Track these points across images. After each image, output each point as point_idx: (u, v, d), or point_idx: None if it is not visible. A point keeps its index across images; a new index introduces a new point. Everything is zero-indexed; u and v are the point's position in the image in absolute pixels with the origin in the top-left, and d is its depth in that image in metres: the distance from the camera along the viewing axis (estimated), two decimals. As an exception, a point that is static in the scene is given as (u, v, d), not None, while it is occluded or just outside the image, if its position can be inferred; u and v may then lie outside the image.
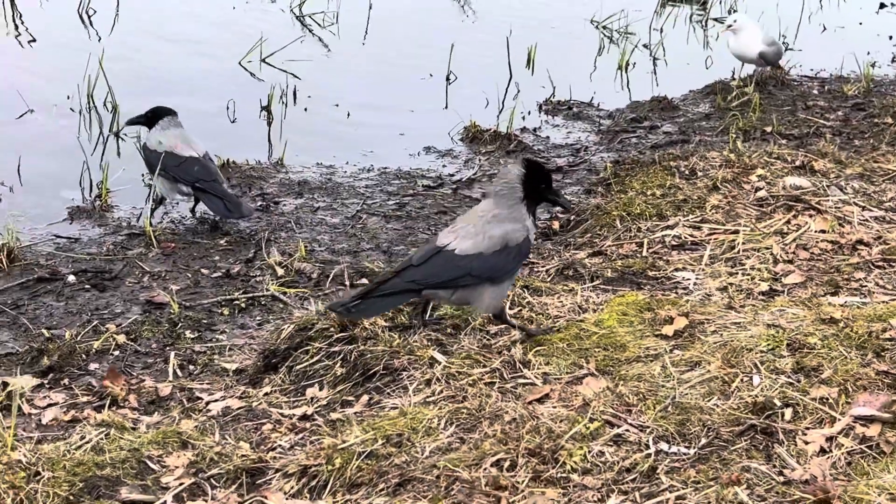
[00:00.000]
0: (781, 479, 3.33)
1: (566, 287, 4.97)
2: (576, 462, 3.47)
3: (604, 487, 3.38)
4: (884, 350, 3.90)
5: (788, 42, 10.23)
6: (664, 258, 5.33)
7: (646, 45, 10.02)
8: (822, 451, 3.42)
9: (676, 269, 5.18)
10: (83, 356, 4.79)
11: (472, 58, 9.28)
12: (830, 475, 3.31)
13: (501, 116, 8.08)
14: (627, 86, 9.19)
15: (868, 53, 9.61)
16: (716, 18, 11.08)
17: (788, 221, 5.55)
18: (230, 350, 4.89)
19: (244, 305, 5.34)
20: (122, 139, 7.48)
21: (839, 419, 3.53)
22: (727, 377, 3.84)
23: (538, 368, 4.10)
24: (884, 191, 6.08)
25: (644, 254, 5.39)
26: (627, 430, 3.62)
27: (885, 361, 3.83)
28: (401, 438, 3.69)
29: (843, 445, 3.43)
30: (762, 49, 8.51)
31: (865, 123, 7.82)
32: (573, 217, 6.10)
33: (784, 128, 7.76)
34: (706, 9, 11.27)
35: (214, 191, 6.12)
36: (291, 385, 4.38)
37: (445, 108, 8.53)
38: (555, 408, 3.79)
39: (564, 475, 3.44)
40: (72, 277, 5.57)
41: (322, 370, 4.37)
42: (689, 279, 5.06)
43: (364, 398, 4.12)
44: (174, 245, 5.99)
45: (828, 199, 5.80)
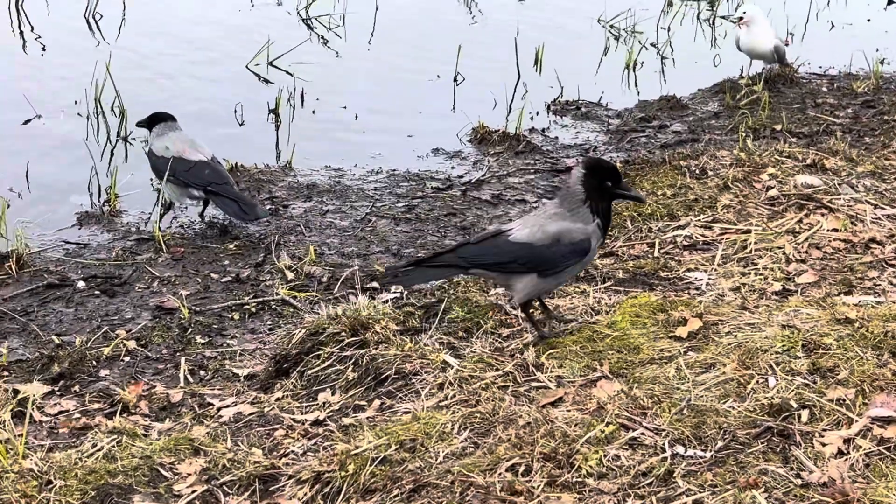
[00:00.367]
0: (799, 482, 3.30)
1: (578, 289, 4.94)
2: (591, 466, 3.44)
3: (620, 492, 3.35)
4: (900, 350, 3.86)
5: (789, 40, 10.19)
6: (676, 258, 5.30)
7: (653, 44, 9.98)
8: (840, 453, 3.39)
9: (689, 270, 5.15)
10: (94, 363, 4.78)
11: (480, 59, 9.25)
12: (849, 477, 3.28)
13: (510, 117, 8.06)
14: (636, 85, 9.16)
15: (877, 50, 9.55)
16: (723, 16, 11.04)
17: (800, 220, 5.52)
18: (241, 355, 4.87)
19: (254, 310, 5.32)
20: (131, 144, 7.47)
21: (856, 420, 3.50)
22: (742, 379, 3.81)
23: (551, 371, 4.07)
24: (895, 188, 6.04)
25: (656, 254, 5.36)
26: (643, 434, 3.59)
27: (902, 362, 3.79)
28: (414, 444, 3.67)
29: (861, 447, 3.39)
30: (777, 43, 8.45)
31: (876, 120, 7.78)
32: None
33: (794, 126, 7.72)
34: (714, 6, 11.23)
35: (228, 193, 6.10)
36: (303, 390, 4.36)
37: (453, 110, 8.50)
38: (569, 411, 3.76)
39: (580, 480, 3.41)
40: (81, 283, 5.55)
41: (334, 375, 4.35)
42: (702, 280, 5.02)
43: (376, 403, 4.10)
44: (183, 250, 5.97)
45: (839, 198, 5.76)
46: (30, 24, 9.79)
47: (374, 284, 5.49)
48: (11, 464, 3.67)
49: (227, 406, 4.34)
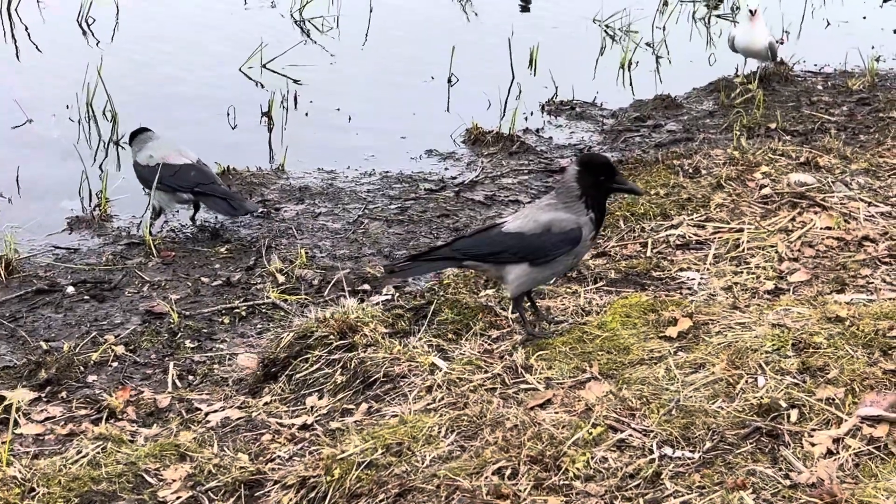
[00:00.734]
0: (788, 483, 3.26)
1: (569, 289, 4.91)
2: (578, 469, 3.41)
3: (607, 494, 3.32)
4: (891, 349, 3.82)
5: (784, 38, 10.17)
6: (668, 258, 5.27)
7: (648, 44, 9.95)
8: (829, 453, 3.35)
9: (681, 269, 5.11)
10: (81, 368, 4.75)
11: (474, 59, 9.23)
12: (837, 478, 3.24)
13: (504, 118, 8.03)
14: (630, 84, 9.13)
15: (872, 48, 9.51)
16: (719, 15, 11.00)
17: (793, 219, 5.49)
18: (230, 359, 4.84)
19: (245, 314, 5.29)
20: (122, 148, 7.43)
21: (846, 420, 3.46)
22: (732, 379, 3.77)
23: (540, 373, 4.04)
24: (890, 186, 6.01)
25: (648, 254, 5.33)
26: (631, 435, 3.55)
27: (893, 360, 3.75)
28: (401, 447, 3.63)
29: (851, 447, 3.36)
30: (771, 40, 8.42)
31: (871, 118, 7.74)
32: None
33: (788, 124, 7.69)
34: (711, 6, 11.19)
35: (215, 192, 6.09)
36: (291, 394, 4.33)
37: (447, 111, 8.47)
38: (557, 413, 3.72)
39: (567, 482, 3.37)
40: (71, 288, 5.53)
41: (322, 378, 4.32)
42: (694, 279, 4.99)
43: (364, 406, 4.06)
44: (174, 254, 5.94)
45: (833, 196, 5.73)
46: (24, 28, 9.77)
47: (366, 287, 5.46)
48: (-5, 471, 3.65)
49: (215, 411, 4.31)
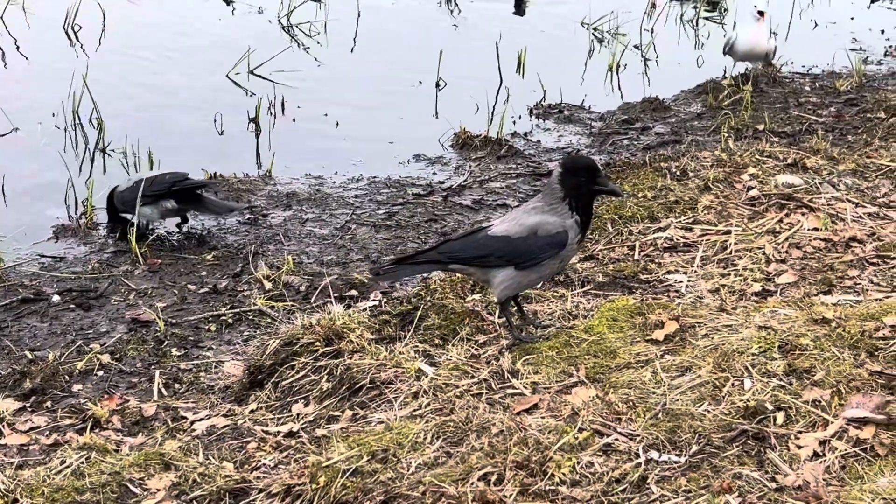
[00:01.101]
0: (774, 486, 3.24)
1: (556, 293, 4.89)
2: (564, 474, 3.39)
3: (593, 499, 3.30)
4: (877, 350, 3.81)
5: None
6: (656, 261, 5.25)
7: (637, 46, 9.94)
8: (816, 456, 3.34)
9: (668, 272, 5.10)
10: (66, 378, 4.72)
11: (462, 64, 9.21)
12: (824, 480, 3.23)
13: (492, 122, 8.01)
14: (619, 87, 9.12)
15: (861, 49, 9.53)
16: (706, 17, 11.01)
17: (781, 220, 5.48)
18: (216, 367, 4.81)
19: (231, 321, 5.27)
20: (109, 155, 7.41)
21: (832, 422, 3.45)
22: (718, 382, 3.76)
23: (527, 378, 4.02)
24: (877, 186, 6.00)
25: (636, 257, 5.31)
26: (617, 440, 3.54)
27: (879, 361, 3.74)
28: (386, 454, 3.62)
29: (837, 449, 3.34)
30: (773, 42, 8.43)
31: (858, 119, 7.74)
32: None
33: (776, 125, 7.69)
34: (717, 8, 11.19)
35: (193, 184, 6.12)
36: (277, 401, 4.31)
37: (435, 115, 8.46)
38: (543, 418, 3.71)
39: (553, 488, 3.36)
40: (56, 297, 5.50)
41: (308, 385, 4.29)
42: (682, 281, 4.98)
43: (350, 413, 4.04)
44: (160, 261, 5.92)
45: (820, 197, 5.72)
46: (10, 36, 9.73)
47: (353, 292, 5.44)
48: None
49: (201, 419, 4.28)
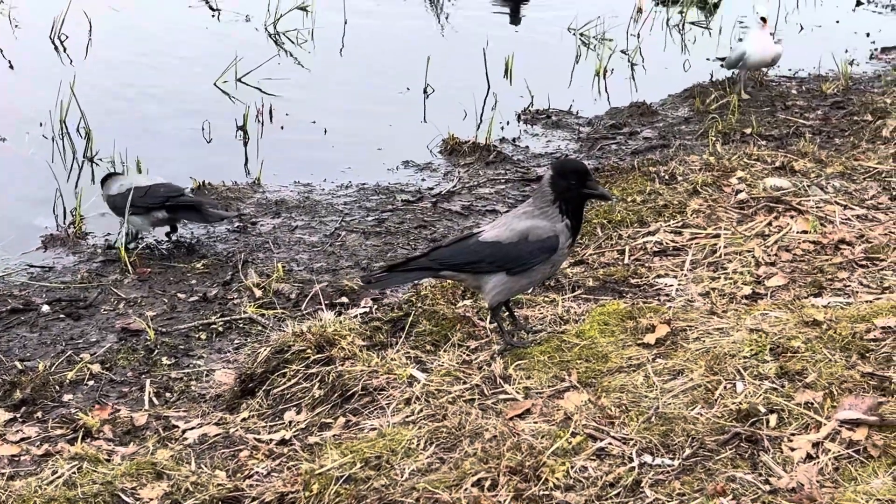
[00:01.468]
0: (768, 488, 3.25)
1: (547, 298, 4.90)
2: (558, 478, 3.39)
3: None
4: (868, 351, 3.82)
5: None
6: (646, 265, 5.26)
7: (623, 51, 9.96)
8: (809, 458, 3.34)
9: (658, 276, 5.11)
10: (57, 388, 4.70)
11: (449, 70, 9.22)
12: (817, 482, 3.23)
13: (480, 128, 8.02)
14: (606, 92, 9.14)
15: (846, 51, 9.57)
16: (693, 22, 11.04)
17: (770, 223, 5.49)
18: (207, 375, 4.80)
19: (222, 329, 5.26)
20: (97, 164, 7.39)
21: (825, 424, 3.45)
22: (710, 385, 3.77)
23: (519, 383, 4.02)
24: (865, 188, 6.02)
25: (626, 261, 5.32)
26: (610, 444, 3.54)
27: (870, 363, 3.76)
28: (379, 461, 3.61)
29: (830, 451, 3.35)
30: (780, 46, 8.43)
31: (845, 121, 7.77)
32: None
33: (764, 129, 7.71)
34: (715, 12, 11.22)
35: (187, 202, 6.08)
36: (269, 409, 4.29)
37: (423, 122, 8.46)
38: (536, 423, 3.71)
39: (547, 493, 3.35)
40: (46, 307, 5.48)
41: (300, 393, 4.29)
42: (672, 285, 4.99)
43: (342, 420, 4.03)
44: (150, 270, 5.90)
45: (809, 200, 5.74)
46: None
47: (344, 299, 5.44)
48: (-31, 494, 3.60)
49: (192, 428, 4.27)
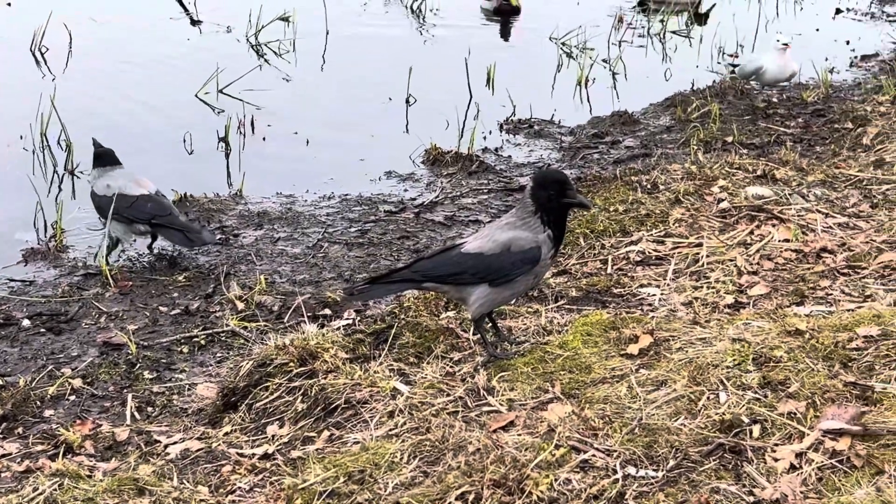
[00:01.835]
0: (751, 499, 3.24)
1: (530, 308, 4.89)
2: (542, 491, 3.38)
3: (571, 516, 3.29)
4: (850, 360, 3.83)
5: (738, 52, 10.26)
6: (629, 275, 5.26)
7: (605, 61, 9.99)
8: (792, 468, 3.34)
9: (641, 286, 5.11)
10: (38, 403, 4.67)
11: (432, 80, 9.23)
12: (801, 493, 3.23)
13: (462, 137, 8.03)
14: (588, 101, 9.16)
15: (826, 59, 9.62)
16: (673, 31, 11.08)
17: (752, 232, 5.50)
18: (189, 389, 4.77)
19: (204, 342, 5.23)
20: (77, 177, 7.36)
21: (808, 434, 3.45)
22: (693, 395, 3.76)
23: (503, 395, 4.01)
24: (846, 196, 6.04)
25: (609, 271, 5.32)
26: (594, 456, 3.53)
27: (853, 372, 3.76)
28: (363, 475, 3.59)
29: (813, 461, 3.35)
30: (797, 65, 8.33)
31: (826, 129, 7.81)
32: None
33: (745, 137, 7.74)
34: (705, 22, 11.26)
35: (172, 224, 6.03)
36: (252, 423, 4.27)
37: (406, 132, 8.46)
38: (520, 435, 3.70)
39: (531, 505, 3.34)
40: (26, 322, 5.44)
41: (283, 407, 4.26)
42: (654, 295, 4.99)
43: (326, 434, 4.01)
44: (131, 283, 5.87)
45: (790, 208, 5.76)
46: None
47: (327, 311, 5.42)
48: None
49: (174, 443, 4.24)
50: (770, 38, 10.75)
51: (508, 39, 11.07)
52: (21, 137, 7.73)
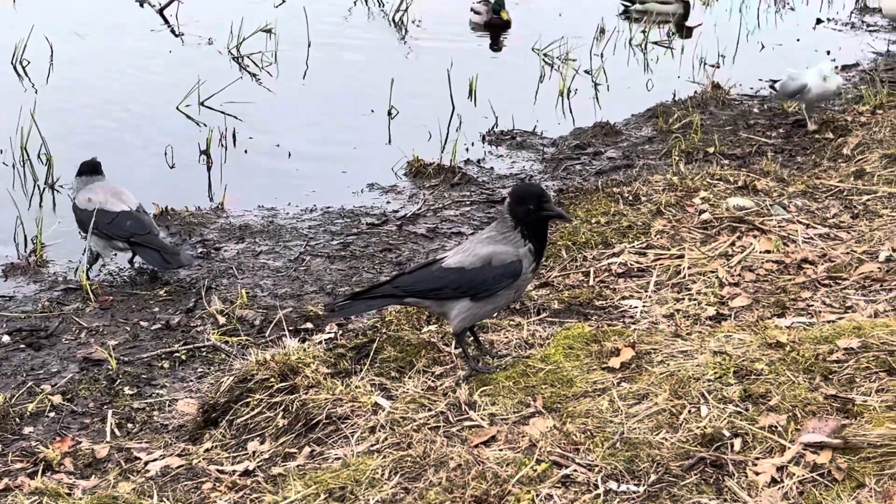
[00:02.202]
0: (733, 514, 3.25)
1: (512, 322, 4.88)
2: (523, 507, 3.37)
3: (553, 532, 3.28)
4: (831, 373, 3.83)
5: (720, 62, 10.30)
6: (611, 287, 5.26)
7: (587, 71, 10.01)
8: (773, 482, 3.34)
9: (623, 298, 5.11)
10: (17, 420, 4.63)
11: (414, 91, 9.22)
12: (782, 506, 3.23)
13: (445, 149, 8.02)
14: (570, 112, 9.17)
15: (807, 69, 9.64)
16: (655, 42, 11.10)
17: (733, 243, 5.51)
18: (170, 405, 4.75)
19: (185, 357, 5.21)
20: (58, 191, 7.33)
21: (789, 447, 3.45)
22: (675, 409, 3.76)
23: (484, 409, 4.00)
24: (827, 207, 6.06)
25: (591, 283, 5.32)
26: (576, 471, 3.52)
27: (833, 385, 3.77)
28: (344, 491, 3.58)
29: (795, 475, 3.35)
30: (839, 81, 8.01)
31: (807, 140, 7.83)
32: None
33: (726, 148, 7.76)
34: (690, 34, 11.29)
35: (150, 243, 5.99)
36: (233, 440, 4.24)
37: (388, 144, 8.45)
38: (501, 450, 3.69)
39: (512, 521, 3.33)
40: (6, 338, 5.41)
41: (263, 422, 4.24)
42: (636, 307, 4.99)
43: (307, 450, 3.99)
44: (112, 298, 5.84)
45: (771, 219, 5.77)
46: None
47: (309, 325, 5.40)
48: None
49: (155, 460, 4.21)
50: (751, 48, 10.81)
51: (500, 50, 11.07)
52: (1, 151, 7.69)
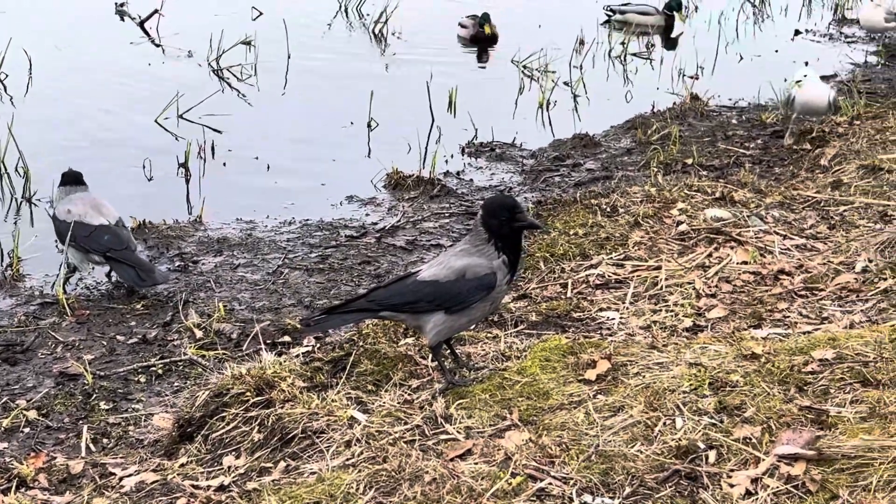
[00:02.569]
0: (707, 526, 3.24)
1: (490, 334, 4.87)
2: (498, 520, 3.36)
3: (528, 545, 3.27)
4: (806, 384, 3.84)
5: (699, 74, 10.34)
6: (588, 298, 5.27)
7: (566, 83, 10.03)
8: (748, 494, 3.34)
9: (601, 310, 5.11)
10: (-9, 436, 4.60)
11: (393, 104, 9.24)
12: (757, 518, 3.23)
13: (424, 161, 8.02)
14: (549, 124, 9.19)
15: (785, 80, 9.69)
16: (634, 54, 11.15)
17: (710, 254, 5.53)
18: (146, 420, 4.72)
19: (161, 372, 5.18)
20: (35, 205, 7.29)
21: (763, 459, 3.45)
22: (650, 421, 3.76)
23: (460, 422, 3.99)
24: (804, 218, 6.09)
25: (568, 295, 5.33)
26: (551, 484, 3.52)
27: (808, 396, 3.77)
28: (318, 507, 3.56)
29: (769, 486, 3.35)
30: (832, 93, 7.86)
31: (784, 150, 7.86)
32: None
33: (704, 159, 7.79)
34: (675, 47, 11.34)
35: (126, 259, 5.96)
36: (208, 454, 4.22)
37: (367, 156, 8.45)
38: (476, 464, 3.67)
39: (487, 535, 3.32)
40: (-19, 353, 5.37)
41: (239, 437, 4.22)
42: (614, 319, 5.00)
43: (282, 465, 3.97)
44: (88, 312, 5.81)
45: (748, 230, 5.79)
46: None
47: (286, 338, 5.39)
48: None
49: (130, 475, 4.18)
50: (730, 59, 10.87)
51: (487, 64, 11.09)
52: (-22, 165, 7.67)
